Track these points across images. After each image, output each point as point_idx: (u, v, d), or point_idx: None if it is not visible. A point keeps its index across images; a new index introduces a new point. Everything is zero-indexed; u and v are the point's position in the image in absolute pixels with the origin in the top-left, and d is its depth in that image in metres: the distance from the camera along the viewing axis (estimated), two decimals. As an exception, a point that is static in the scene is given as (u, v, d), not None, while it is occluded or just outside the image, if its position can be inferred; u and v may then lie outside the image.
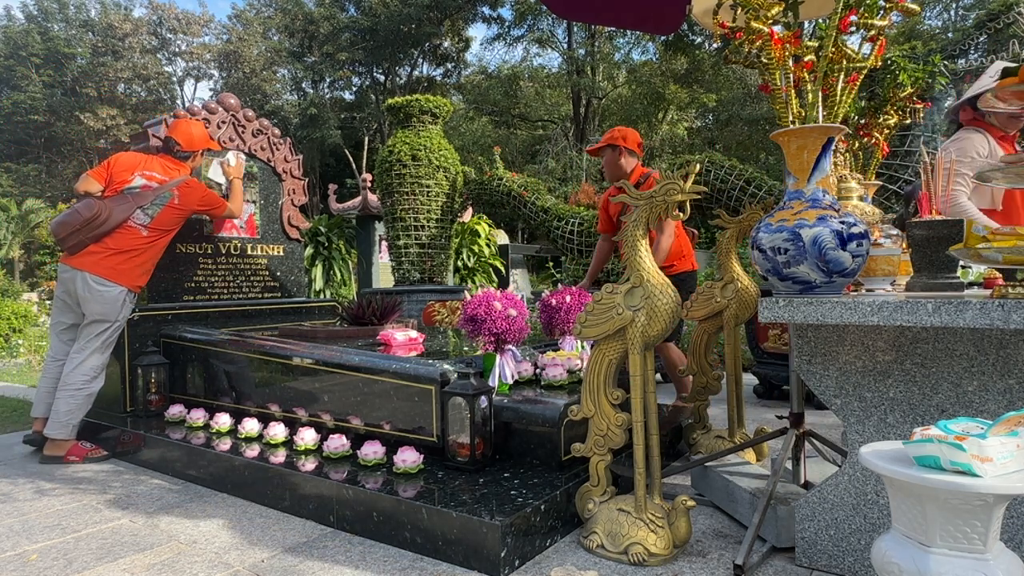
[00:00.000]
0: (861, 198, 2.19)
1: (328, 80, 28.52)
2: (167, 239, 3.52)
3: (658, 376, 5.10)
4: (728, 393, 2.66)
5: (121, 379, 3.51)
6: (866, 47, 1.77)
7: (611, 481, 2.05)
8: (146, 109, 29.89)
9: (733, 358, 2.63)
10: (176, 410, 3.28)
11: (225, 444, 2.81)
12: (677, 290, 1.94)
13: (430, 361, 2.54)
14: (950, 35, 20.08)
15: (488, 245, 10.40)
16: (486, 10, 25.35)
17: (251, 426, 2.87)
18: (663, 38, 20.39)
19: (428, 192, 6.22)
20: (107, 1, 31.16)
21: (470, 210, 8.72)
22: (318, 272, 9.53)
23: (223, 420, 3.02)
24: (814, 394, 1.87)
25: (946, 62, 2.38)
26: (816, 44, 1.74)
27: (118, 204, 3.28)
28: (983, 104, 1.71)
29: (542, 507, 1.99)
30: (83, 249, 3.24)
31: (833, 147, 1.75)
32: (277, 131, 4.45)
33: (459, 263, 9.96)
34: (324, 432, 2.68)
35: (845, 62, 1.74)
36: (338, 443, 2.52)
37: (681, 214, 1.89)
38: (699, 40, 20.96)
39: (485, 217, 10.39)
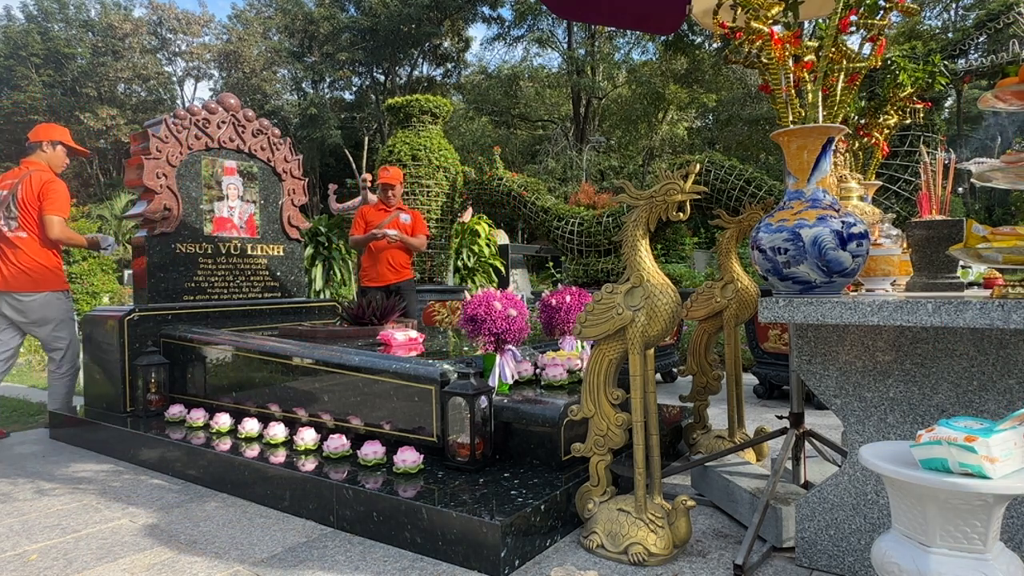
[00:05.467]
0: (861, 198, 2.19)
1: (328, 80, 28.54)
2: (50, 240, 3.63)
3: (658, 376, 5.10)
4: (728, 393, 2.66)
5: (121, 379, 3.51)
6: (866, 47, 1.77)
7: (611, 481, 2.05)
8: (146, 109, 29.87)
9: (733, 358, 2.63)
10: (176, 410, 3.28)
11: (225, 444, 2.81)
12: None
13: (430, 361, 2.55)
14: (950, 35, 20.08)
15: (488, 245, 10.38)
16: (486, 10, 25.38)
17: (251, 426, 2.87)
18: (663, 38, 20.40)
19: (428, 192, 6.22)
20: (107, 1, 31.13)
21: (470, 210, 8.72)
22: (318, 272, 9.51)
23: (223, 420, 3.02)
24: (814, 394, 1.87)
25: (946, 62, 2.37)
26: (816, 44, 1.74)
27: None
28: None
29: (542, 507, 1.99)
30: None
31: (833, 147, 1.75)
32: (277, 131, 4.45)
33: (459, 263, 9.95)
34: (324, 432, 2.68)
35: (845, 62, 1.74)
36: (338, 443, 2.52)
37: (681, 214, 1.89)
38: (699, 40, 20.97)
39: (485, 217, 10.38)
